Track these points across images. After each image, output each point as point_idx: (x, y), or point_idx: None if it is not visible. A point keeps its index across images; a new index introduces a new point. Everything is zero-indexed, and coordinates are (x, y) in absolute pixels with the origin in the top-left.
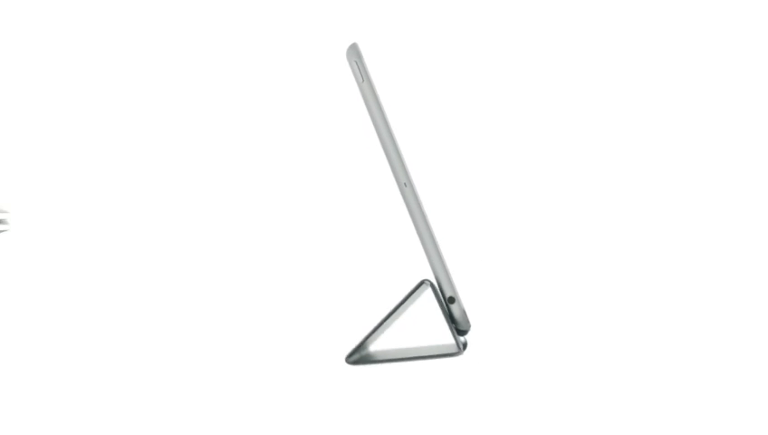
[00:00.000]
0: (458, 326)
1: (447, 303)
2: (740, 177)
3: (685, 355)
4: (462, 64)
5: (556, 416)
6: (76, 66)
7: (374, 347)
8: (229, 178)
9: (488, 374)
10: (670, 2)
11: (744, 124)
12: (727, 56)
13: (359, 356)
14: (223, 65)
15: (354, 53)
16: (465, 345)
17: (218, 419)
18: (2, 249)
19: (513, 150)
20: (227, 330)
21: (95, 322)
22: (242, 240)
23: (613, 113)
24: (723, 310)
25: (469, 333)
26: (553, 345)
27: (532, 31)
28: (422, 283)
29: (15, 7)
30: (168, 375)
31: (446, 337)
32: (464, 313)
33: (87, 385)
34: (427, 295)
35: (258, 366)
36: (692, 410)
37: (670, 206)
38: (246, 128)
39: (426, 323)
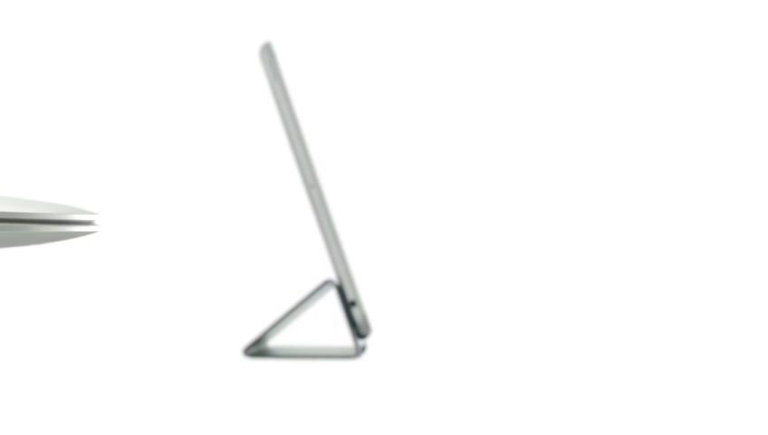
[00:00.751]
0: (358, 330)
1: (349, 306)
2: (722, 178)
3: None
4: (372, 66)
5: (442, 426)
6: (167, 65)
7: (273, 342)
8: (139, 175)
9: (382, 380)
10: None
11: (743, 124)
12: (727, 56)
13: (256, 349)
14: (133, 63)
15: (267, 53)
16: (363, 349)
17: (109, 413)
18: (91, 251)
19: (418, 154)
20: (129, 324)
21: (185, 322)
22: (149, 237)
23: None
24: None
25: (369, 338)
26: (452, 355)
27: (443, 24)
28: (325, 283)
29: None
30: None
31: (345, 339)
32: (364, 317)
33: (167, 382)
34: (330, 296)
35: (156, 354)
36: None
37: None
38: (154, 126)
39: (326, 324)
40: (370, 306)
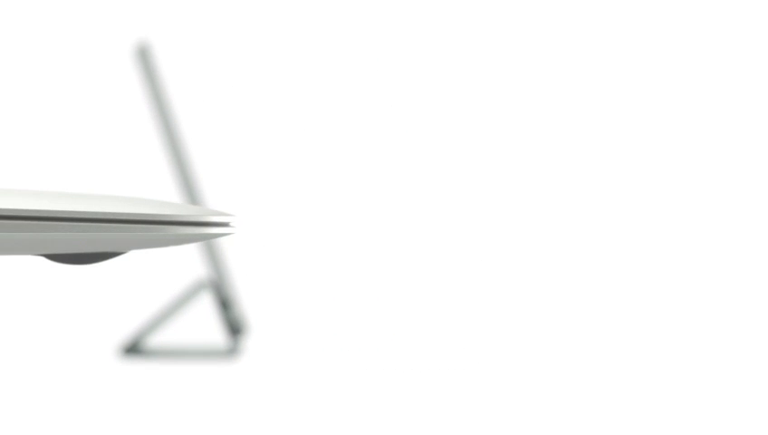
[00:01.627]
0: (234, 331)
1: (224, 306)
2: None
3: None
4: (251, 65)
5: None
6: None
7: (148, 342)
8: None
9: (259, 381)
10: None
11: (743, 124)
12: (727, 56)
13: (132, 350)
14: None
15: (142, 51)
16: (239, 350)
17: None
18: (227, 252)
19: (296, 153)
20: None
21: (317, 323)
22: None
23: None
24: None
25: (247, 338)
26: (330, 355)
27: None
28: (201, 282)
29: None
30: None
31: (221, 340)
32: (240, 316)
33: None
34: (206, 296)
35: (33, 355)
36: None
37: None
38: (26, 123)
39: (203, 324)
40: (250, 306)
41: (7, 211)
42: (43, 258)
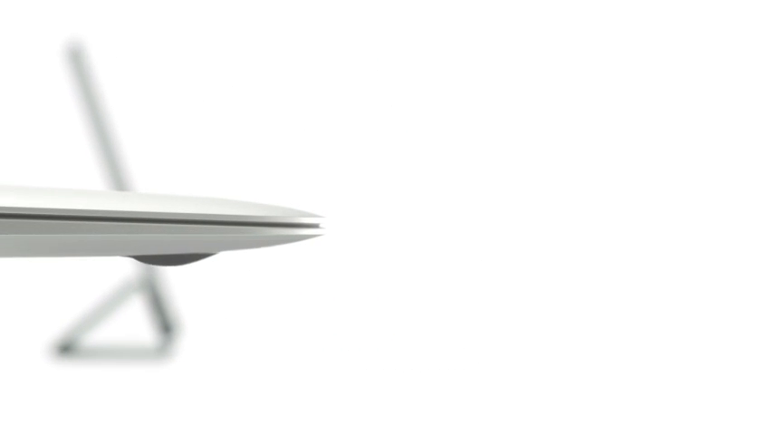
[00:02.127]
0: (166, 331)
1: (156, 304)
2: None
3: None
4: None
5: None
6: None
7: (80, 343)
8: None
9: (191, 382)
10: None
11: (743, 125)
12: (727, 56)
13: (64, 350)
14: None
15: (73, 49)
16: (172, 351)
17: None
18: (317, 254)
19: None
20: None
21: (407, 325)
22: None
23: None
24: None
25: (180, 338)
26: (265, 354)
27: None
28: (132, 281)
29: None
30: None
31: (154, 340)
32: (171, 315)
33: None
34: (137, 295)
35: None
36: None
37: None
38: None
39: (136, 324)
40: (183, 305)
41: (102, 213)
42: (131, 259)
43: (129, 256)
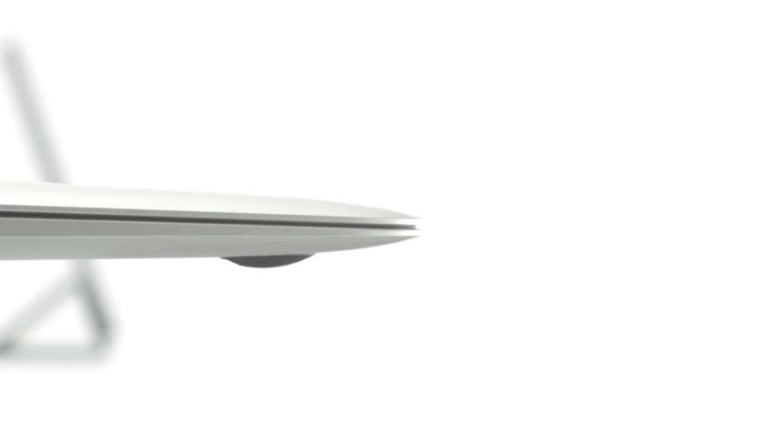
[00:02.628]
0: (101, 331)
1: (92, 303)
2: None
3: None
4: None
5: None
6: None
7: (14, 342)
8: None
9: (132, 383)
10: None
11: (743, 125)
12: (727, 56)
13: (1, 349)
14: None
15: (10, 49)
16: (108, 351)
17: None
18: (412, 256)
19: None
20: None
21: (508, 329)
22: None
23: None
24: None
25: (117, 338)
26: (203, 356)
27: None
28: (65, 281)
29: None
30: None
31: (89, 337)
32: (107, 315)
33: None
34: (70, 295)
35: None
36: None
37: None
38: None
39: (71, 323)
40: (122, 304)
41: (203, 214)
42: (227, 261)
43: (226, 258)
